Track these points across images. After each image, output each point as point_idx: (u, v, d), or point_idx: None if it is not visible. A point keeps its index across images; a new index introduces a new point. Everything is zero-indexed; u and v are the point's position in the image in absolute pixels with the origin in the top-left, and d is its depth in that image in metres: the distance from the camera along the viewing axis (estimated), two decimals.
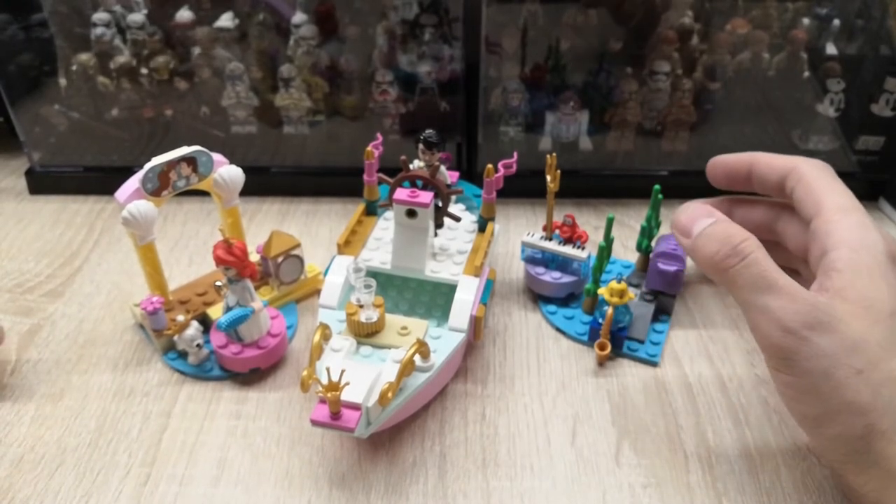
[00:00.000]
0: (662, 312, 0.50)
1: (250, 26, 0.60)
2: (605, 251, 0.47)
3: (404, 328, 0.42)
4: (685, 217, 0.41)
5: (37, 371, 0.45)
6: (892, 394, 0.32)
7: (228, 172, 0.45)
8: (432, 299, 0.48)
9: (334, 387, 0.35)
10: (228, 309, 0.43)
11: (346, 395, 0.36)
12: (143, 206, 0.41)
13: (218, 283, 0.44)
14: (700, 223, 0.39)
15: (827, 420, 0.33)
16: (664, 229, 0.52)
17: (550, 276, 0.50)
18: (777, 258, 0.50)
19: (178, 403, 0.43)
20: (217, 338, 0.44)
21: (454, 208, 0.48)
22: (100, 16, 0.60)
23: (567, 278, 0.50)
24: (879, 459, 0.32)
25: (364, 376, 0.38)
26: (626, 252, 0.57)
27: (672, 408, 0.43)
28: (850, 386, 0.32)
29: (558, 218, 0.50)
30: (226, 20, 0.60)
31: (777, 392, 0.37)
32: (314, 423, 0.36)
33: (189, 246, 0.57)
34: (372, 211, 0.50)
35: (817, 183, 0.41)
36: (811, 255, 0.39)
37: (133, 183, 0.42)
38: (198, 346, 0.44)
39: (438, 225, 0.47)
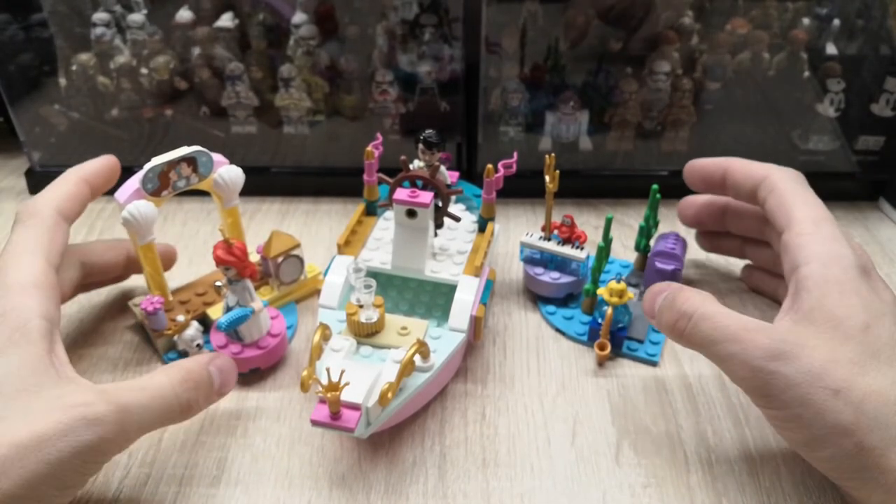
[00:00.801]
0: None
1: (250, 26, 0.61)
2: (604, 251, 0.47)
3: (404, 328, 0.42)
4: (647, 301, 0.41)
5: None
6: (875, 408, 0.32)
7: (228, 172, 0.45)
8: (432, 299, 0.48)
9: (334, 387, 0.35)
10: (228, 309, 0.43)
11: (345, 396, 0.36)
12: (143, 206, 0.41)
13: (218, 284, 0.44)
14: (657, 300, 0.40)
15: (817, 444, 0.34)
16: (662, 228, 0.53)
17: (549, 277, 0.50)
18: (768, 262, 0.50)
19: None
20: (217, 338, 0.44)
21: (454, 208, 0.48)
22: (100, 16, 0.60)
23: (566, 278, 0.50)
24: (877, 474, 0.32)
25: (364, 376, 0.38)
26: (626, 252, 0.57)
27: (672, 408, 0.43)
28: (830, 408, 0.32)
29: (557, 218, 0.50)
30: (226, 20, 0.60)
31: (772, 426, 0.37)
32: (314, 423, 0.36)
33: (189, 246, 0.57)
34: (372, 211, 0.50)
35: (789, 194, 0.41)
36: (783, 268, 0.40)
37: (133, 183, 0.42)
38: (198, 346, 0.44)
39: (438, 225, 0.47)
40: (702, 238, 0.54)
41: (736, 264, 0.55)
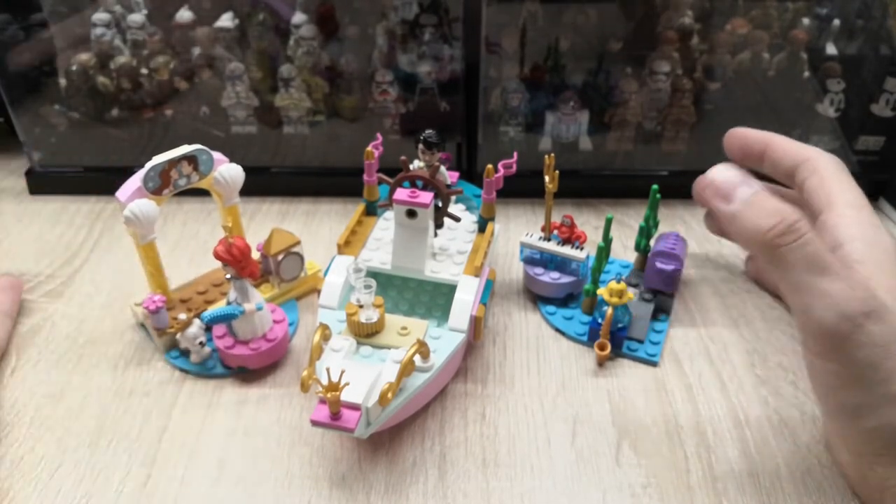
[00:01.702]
0: (661, 312, 0.50)
1: (250, 26, 0.61)
2: (604, 251, 0.47)
3: (404, 328, 0.42)
4: (723, 179, 0.38)
5: (37, 371, 0.45)
6: None
7: (229, 171, 0.45)
8: (432, 299, 0.48)
9: (334, 387, 0.35)
10: (229, 303, 0.43)
11: (345, 396, 0.36)
12: (145, 204, 0.42)
13: (228, 276, 0.44)
14: (742, 190, 0.37)
15: (867, 411, 0.33)
16: (662, 228, 0.53)
17: (549, 277, 0.50)
18: None
19: (179, 403, 0.43)
20: (218, 327, 0.45)
21: (454, 208, 0.48)
22: (100, 16, 0.60)
23: (566, 279, 0.49)
24: None
25: (364, 376, 0.38)
26: (626, 252, 0.57)
27: (672, 408, 0.43)
28: None
29: (557, 218, 0.50)
30: (226, 20, 0.60)
31: (813, 381, 0.36)
32: (314, 423, 0.36)
33: (189, 246, 0.57)
34: (372, 211, 0.50)
35: (831, 178, 0.40)
36: None
37: (134, 182, 0.42)
38: (200, 343, 0.44)
39: (438, 225, 0.47)
40: (710, 220, 0.52)
41: (736, 264, 0.55)
